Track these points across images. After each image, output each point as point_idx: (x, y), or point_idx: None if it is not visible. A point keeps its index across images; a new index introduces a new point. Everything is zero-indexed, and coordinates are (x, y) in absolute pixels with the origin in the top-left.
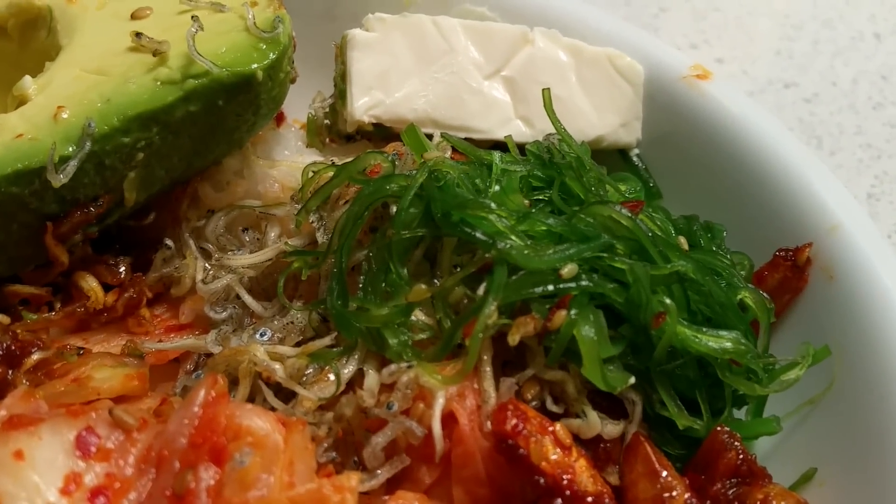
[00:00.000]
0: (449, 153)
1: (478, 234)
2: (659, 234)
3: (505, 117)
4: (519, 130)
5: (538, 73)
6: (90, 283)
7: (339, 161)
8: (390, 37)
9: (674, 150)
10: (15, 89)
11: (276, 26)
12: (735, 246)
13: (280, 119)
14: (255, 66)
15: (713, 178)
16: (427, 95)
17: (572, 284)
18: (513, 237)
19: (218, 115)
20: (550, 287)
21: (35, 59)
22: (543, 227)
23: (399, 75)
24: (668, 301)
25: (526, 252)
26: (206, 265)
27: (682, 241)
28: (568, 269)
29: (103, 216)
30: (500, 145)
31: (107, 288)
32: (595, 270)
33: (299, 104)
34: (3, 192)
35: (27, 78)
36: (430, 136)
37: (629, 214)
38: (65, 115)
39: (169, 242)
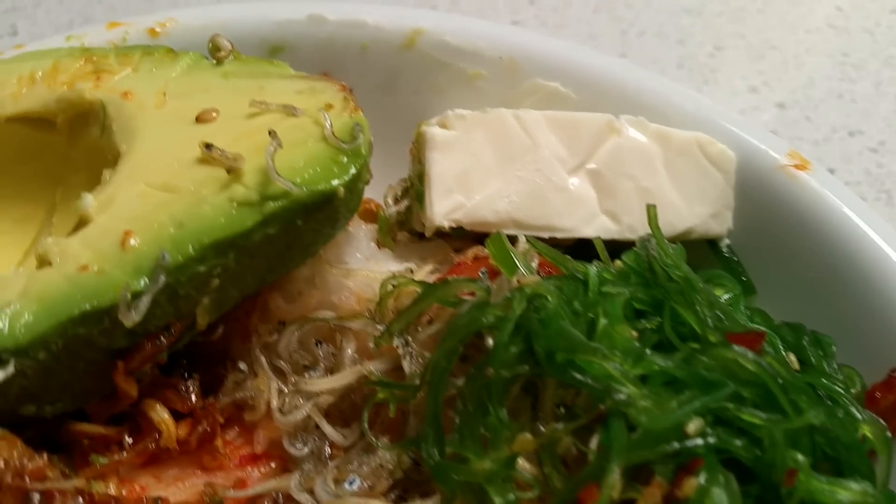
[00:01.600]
0: (536, 262)
1: (589, 381)
2: (787, 376)
3: (590, 213)
4: (605, 227)
5: (625, 165)
6: (161, 415)
7: (416, 266)
8: (471, 134)
9: (770, 244)
10: (75, 208)
11: (356, 135)
12: (837, 355)
13: None
14: (337, 182)
15: (814, 278)
16: (509, 196)
17: (699, 442)
18: (628, 385)
19: (296, 233)
20: (676, 445)
21: (86, 156)
22: (658, 368)
23: (480, 175)
24: (800, 458)
25: (646, 405)
26: (283, 387)
27: (793, 359)
28: (695, 426)
29: (174, 343)
30: (584, 240)
31: (176, 414)
32: (719, 421)
33: None
34: (69, 334)
35: (87, 196)
36: (512, 238)
37: (757, 359)
38: (133, 242)
39: (242, 366)
